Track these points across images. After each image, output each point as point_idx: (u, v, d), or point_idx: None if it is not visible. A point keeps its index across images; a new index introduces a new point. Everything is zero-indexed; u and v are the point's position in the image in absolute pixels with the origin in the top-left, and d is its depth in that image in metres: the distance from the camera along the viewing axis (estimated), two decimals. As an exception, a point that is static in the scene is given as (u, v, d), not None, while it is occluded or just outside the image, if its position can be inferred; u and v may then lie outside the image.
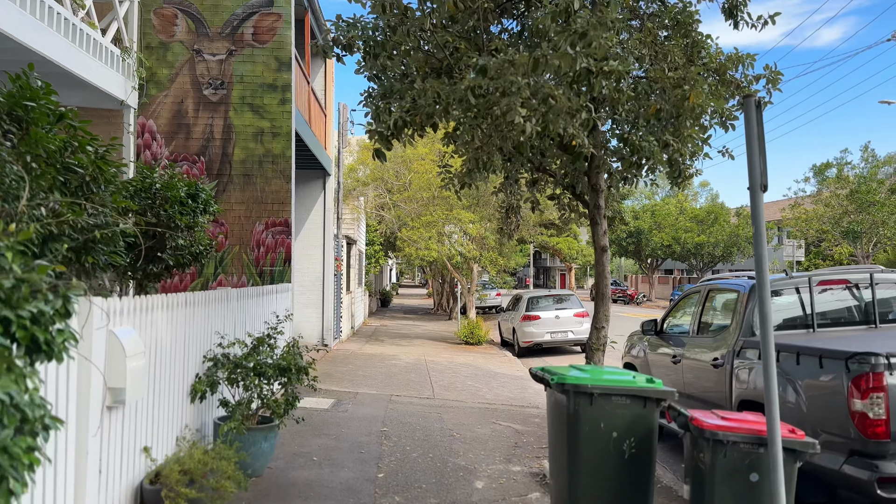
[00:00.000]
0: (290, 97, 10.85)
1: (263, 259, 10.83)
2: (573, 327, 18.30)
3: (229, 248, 10.80)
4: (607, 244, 6.80)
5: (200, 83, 10.76)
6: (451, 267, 19.83)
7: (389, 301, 40.34)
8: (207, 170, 10.79)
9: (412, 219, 18.68)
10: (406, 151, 20.68)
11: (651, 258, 56.35)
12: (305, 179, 16.78)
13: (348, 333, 20.31)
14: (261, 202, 10.84)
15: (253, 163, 10.83)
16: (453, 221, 17.91)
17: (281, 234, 10.86)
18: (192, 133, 10.77)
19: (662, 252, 50.94)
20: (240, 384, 6.11)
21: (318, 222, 16.84)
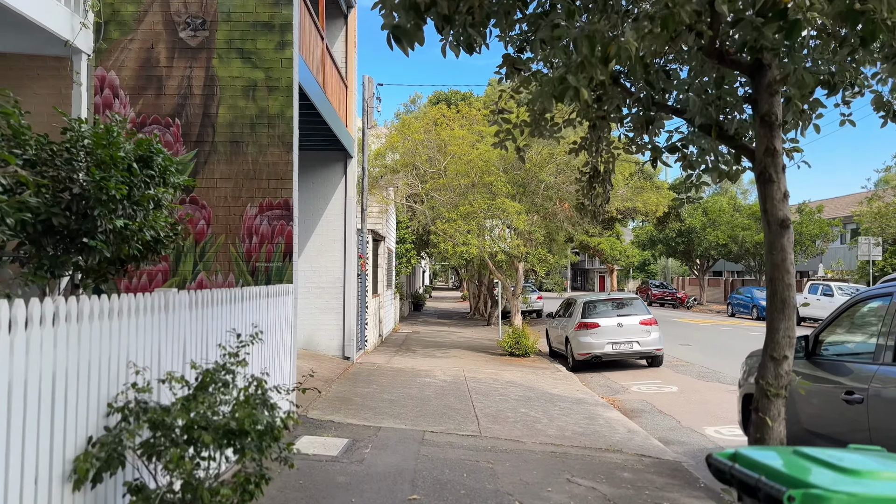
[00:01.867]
0: (290, 39, 8.29)
1: (257, 252, 8.28)
2: (639, 337, 15.44)
3: (212, 238, 8.28)
4: (788, 215, 4.02)
5: (176, 23, 8.27)
6: (493, 266, 17.12)
7: (422, 305, 37.78)
8: (184, 136, 8.29)
9: (448, 210, 16.06)
10: (440, 133, 18.07)
11: (702, 259, 52.88)
12: (322, 162, 14.27)
13: (375, 342, 17.74)
14: (253, 177, 8.30)
15: (243, 126, 8.29)
16: (496, 213, 15.22)
17: (279, 219, 8.30)
18: (165, 88, 8.28)
19: (717, 252, 47.49)
20: (162, 455, 3.51)
21: (337, 213, 14.31)
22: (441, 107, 18.74)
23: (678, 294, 52.04)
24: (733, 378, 13.99)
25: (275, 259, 8.27)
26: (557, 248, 17.83)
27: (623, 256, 54.57)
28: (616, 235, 51.80)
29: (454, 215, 15.27)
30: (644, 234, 56.57)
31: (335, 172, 14.34)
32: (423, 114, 19.89)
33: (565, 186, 16.57)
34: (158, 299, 4.45)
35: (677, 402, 11.63)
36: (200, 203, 8.26)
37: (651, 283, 56.49)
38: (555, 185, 16.62)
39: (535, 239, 16.62)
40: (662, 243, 55.03)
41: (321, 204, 14.30)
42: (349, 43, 14.40)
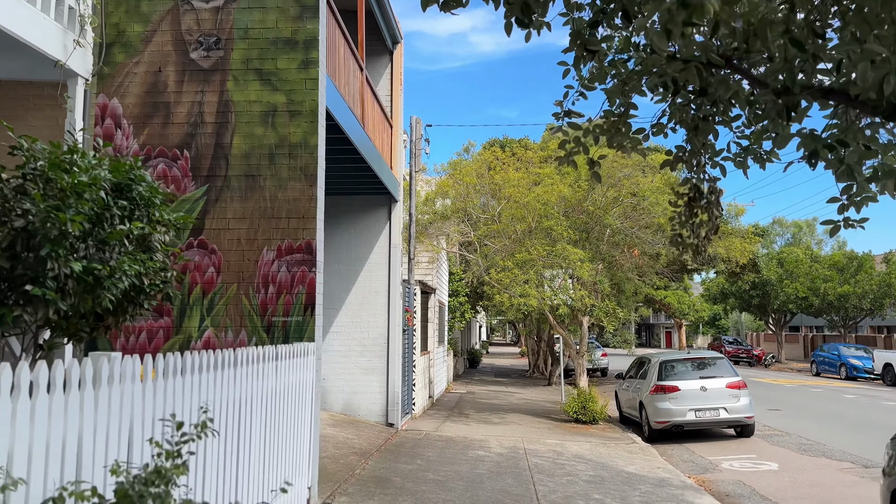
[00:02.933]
0: (315, 57, 7.14)
1: (273, 304, 6.97)
2: (727, 402, 13.39)
3: (222, 288, 7.02)
4: None
5: (187, 42, 7.24)
6: (554, 320, 15.46)
7: (478, 361, 35.97)
8: (193, 170, 7.15)
9: (503, 258, 14.58)
10: (494, 177, 16.77)
11: (779, 313, 49.53)
12: (364, 206, 13.09)
13: (424, 405, 16.16)
14: (271, 216, 7.06)
15: (260, 157, 7.11)
16: (556, 261, 13.66)
17: (300, 265, 6.99)
18: (173, 116, 7.21)
19: (796, 306, 44.26)
20: None
21: (381, 262, 13.03)
22: (495, 149, 17.49)
23: (754, 351, 48.62)
24: (843, 453, 11.81)
25: (294, 312, 6.93)
26: (626, 300, 16.08)
27: (692, 311, 51.68)
28: (684, 288, 49.18)
29: (510, 264, 13.78)
30: (714, 286, 53.57)
31: (379, 218, 13.13)
32: (476, 158, 18.72)
33: (634, 232, 14.93)
34: (85, 370, 3.11)
35: (782, 485, 9.61)
36: (210, 247, 7.05)
37: (724, 340, 53.14)
38: (621, 230, 15.01)
39: (602, 290, 14.91)
40: (735, 296, 51.95)
41: (363, 252, 13.06)
42: (394, 80, 13.38)
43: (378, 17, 12.25)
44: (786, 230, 71.04)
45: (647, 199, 14.89)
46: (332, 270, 12.94)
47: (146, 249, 5.05)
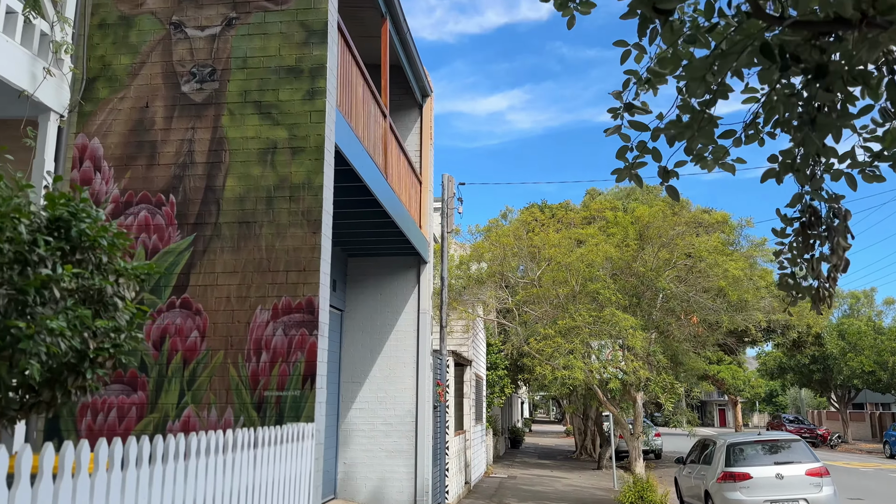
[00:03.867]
0: (322, 87, 6.18)
1: (266, 375, 5.77)
2: (807, 492, 11.49)
3: (207, 356, 5.86)
4: None
5: (178, 74, 6.38)
6: (604, 396, 13.85)
7: (521, 441, 33.80)
8: (179, 217, 6.14)
9: (544, 325, 13.20)
10: (533, 239, 15.58)
11: (843, 389, 46.28)
12: (391, 269, 11.99)
13: (459, 492, 14.50)
14: (267, 269, 5.96)
15: (256, 201, 6.08)
16: (604, 328, 12.23)
17: (299, 326, 5.82)
18: (159, 156, 6.27)
19: (861, 381, 41.19)
20: None
21: (409, 330, 11.80)
22: (533, 209, 16.37)
23: (818, 430, 45.19)
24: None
25: (290, 385, 5.72)
26: (685, 374, 14.42)
27: (747, 387, 48.77)
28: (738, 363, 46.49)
29: (551, 331, 12.40)
30: (771, 360, 50.58)
31: (407, 282, 11.98)
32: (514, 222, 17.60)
33: (691, 297, 13.44)
34: None
35: None
36: (194, 307, 5.95)
37: (784, 418, 49.73)
38: (676, 294, 13.55)
39: (657, 362, 13.33)
40: (794, 371, 48.88)
41: (390, 319, 11.86)
42: (424, 134, 12.51)
43: (407, 70, 11.49)
44: (842, 301, 67.68)
45: (705, 261, 13.48)
46: (355, 340, 11.76)
47: (102, 306, 3.97)
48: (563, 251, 13.62)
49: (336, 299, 11.46)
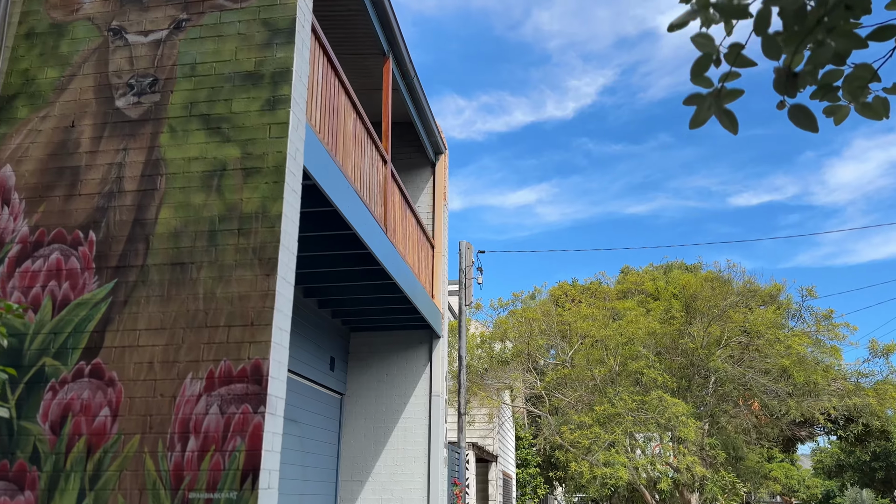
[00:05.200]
0: (287, 94, 4.89)
1: (194, 469, 4.19)
2: None
3: (117, 442, 4.32)
4: None
5: (114, 87, 5.17)
6: (651, 498, 11.72)
7: (557, 547, 30.60)
8: (98, 258, 4.76)
9: (578, 412, 11.31)
10: (563, 315, 13.91)
11: (911, 488, 42.02)
12: (396, 345, 10.42)
13: None
14: (204, 324, 4.48)
15: (196, 236, 4.68)
16: (651, 415, 10.33)
17: (241, 401, 4.27)
18: (82, 185, 4.96)
19: (933, 479, 37.24)
20: None
21: (419, 416, 10.08)
22: (563, 285, 14.77)
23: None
24: None
25: (225, 484, 4.11)
26: (747, 470, 12.25)
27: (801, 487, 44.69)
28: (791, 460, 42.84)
29: (588, 419, 10.53)
30: (828, 457, 46.57)
31: (417, 359, 10.37)
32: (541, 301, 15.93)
33: (751, 378, 11.51)
34: None
35: None
36: (107, 376, 4.46)
37: (847, 521, 45.11)
38: (731, 376, 11.64)
39: (716, 457, 11.27)
40: (854, 469, 44.79)
41: (397, 404, 10.18)
42: (437, 195, 11.22)
43: (417, 124, 10.35)
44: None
45: (763, 337, 11.65)
46: (356, 429, 10.07)
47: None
48: (598, 325, 11.93)
49: (336, 381, 9.88)
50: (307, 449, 8.82)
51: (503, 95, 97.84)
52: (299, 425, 8.61)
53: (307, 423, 8.87)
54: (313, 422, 9.10)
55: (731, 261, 12.63)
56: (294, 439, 8.42)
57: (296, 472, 8.43)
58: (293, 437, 8.40)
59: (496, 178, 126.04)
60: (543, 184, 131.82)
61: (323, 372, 9.36)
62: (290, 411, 8.31)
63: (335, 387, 9.82)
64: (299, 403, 8.60)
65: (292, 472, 8.31)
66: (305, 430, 8.80)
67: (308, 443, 8.88)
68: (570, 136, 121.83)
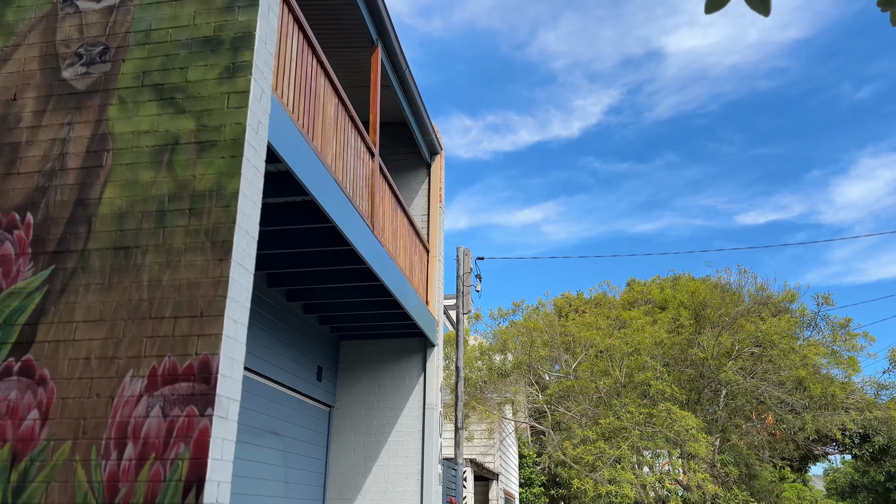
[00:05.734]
0: (248, 60, 4.39)
1: (131, 480, 3.63)
2: None
3: (46, 449, 3.78)
4: None
5: (61, 57, 4.69)
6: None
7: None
8: (35, 243, 4.24)
9: (582, 426, 10.65)
10: (567, 325, 13.32)
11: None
12: (387, 354, 9.86)
13: None
14: (147, 315, 3.95)
15: (143, 217, 4.16)
16: (659, 428, 9.68)
17: (186, 402, 3.72)
18: (21, 163, 4.46)
19: (951, 500, 36.10)
20: None
21: (412, 430, 9.49)
22: (567, 296, 14.17)
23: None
24: None
25: (165, 497, 3.55)
26: (761, 489, 11.51)
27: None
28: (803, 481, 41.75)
29: (592, 434, 9.88)
30: (842, 477, 45.38)
31: (410, 369, 9.79)
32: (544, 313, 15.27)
33: (765, 391, 10.82)
34: None
35: None
36: (37, 374, 3.92)
37: (861, 545, 43.85)
38: (744, 389, 10.97)
39: (728, 474, 10.57)
40: (868, 490, 43.63)
41: (388, 416, 9.59)
42: (432, 197, 10.71)
43: (411, 122, 9.88)
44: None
45: (777, 347, 10.99)
46: (345, 443, 9.48)
47: None
48: (603, 334, 11.31)
49: (324, 392, 9.32)
50: (291, 464, 8.23)
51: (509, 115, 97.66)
52: (282, 439, 8.03)
53: (291, 437, 8.29)
54: (298, 435, 8.52)
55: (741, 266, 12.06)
56: (276, 454, 7.84)
57: (277, 489, 7.83)
58: (275, 452, 7.82)
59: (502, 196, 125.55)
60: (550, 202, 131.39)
61: (309, 382, 8.80)
62: (271, 423, 7.73)
63: (323, 398, 9.24)
64: (282, 415, 8.03)
65: (274, 490, 7.72)
66: (289, 444, 8.22)
67: (292, 458, 8.29)
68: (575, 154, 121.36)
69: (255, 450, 7.29)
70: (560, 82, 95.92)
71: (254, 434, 7.28)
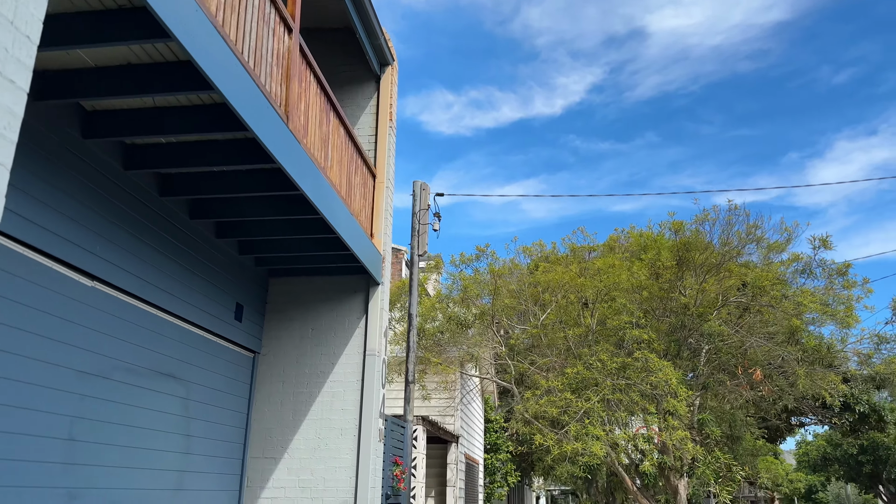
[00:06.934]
0: None
1: None
2: None
3: None
4: None
5: None
6: (632, 484, 9.88)
7: (533, 541, 28.84)
8: None
9: (547, 377, 9.39)
10: (536, 276, 12.03)
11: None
12: (325, 293, 8.51)
13: None
14: None
15: None
16: (635, 380, 8.46)
17: None
18: None
19: (924, 473, 35.97)
20: None
21: (350, 381, 8.17)
22: (540, 243, 12.83)
23: (874, 532, 39.55)
24: None
25: None
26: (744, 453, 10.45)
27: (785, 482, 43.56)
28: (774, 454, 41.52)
29: (558, 384, 8.63)
30: (814, 450, 45.26)
31: (350, 311, 8.44)
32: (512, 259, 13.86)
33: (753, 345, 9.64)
34: None
35: None
36: None
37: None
38: (729, 342, 9.79)
39: (711, 435, 9.42)
40: (840, 463, 43.54)
41: (322, 365, 8.26)
42: (381, 115, 9.27)
43: (357, 27, 8.39)
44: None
45: (768, 294, 9.80)
46: (271, 395, 8.15)
47: None
48: (573, 274, 10.04)
49: (247, 335, 7.95)
50: (196, 415, 6.87)
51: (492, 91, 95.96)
52: (184, 384, 6.66)
53: (197, 383, 6.92)
54: (208, 382, 7.15)
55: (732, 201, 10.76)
56: (174, 401, 6.47)
57: (175, 442, 6.48)
58: (172, 399, 6.45)
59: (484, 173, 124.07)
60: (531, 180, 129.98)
61: (224, 321, 7.42)
62: (165, 364, 6.35)
63: (245, 342, 7.88)
64: (183, 356, 6.65)
65: (169, 443, 6.37)
66: (194, 392, 6.85)
67: (198, 408, 6.93)
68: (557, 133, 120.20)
69: (140, 394, 5.93)
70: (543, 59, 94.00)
71: (138, 375, 5.90)
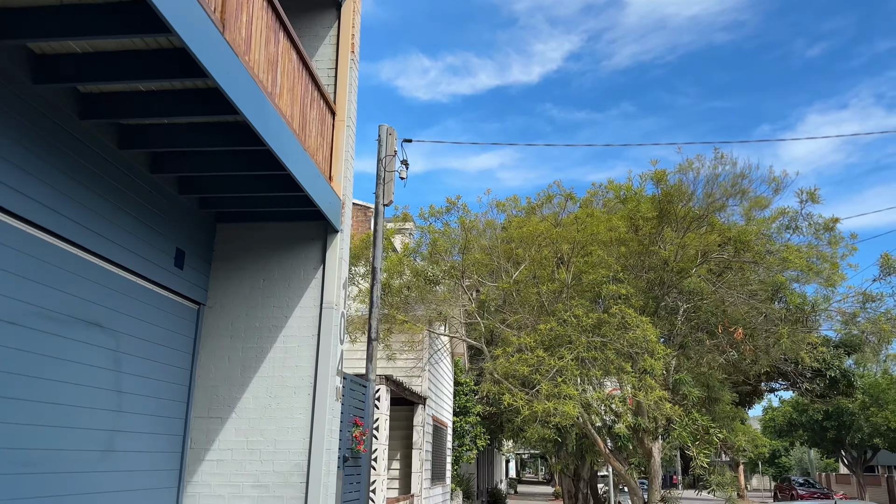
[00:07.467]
0: None
1: None
2: None
3: None
4: None
5: None
6: (605, 446, 9.44)
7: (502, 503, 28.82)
8: None
9: (519, 336, 8.84)
10: (510, 231, 11.42)
11: (859, 449, 41.81)
12: (278, 240, 7.80)
13: (396, 588, 9.90)
14: None
15: None
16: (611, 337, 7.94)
17: None
18: None
19: (884, 440, 36.78)
20: None
21: (305, 336, 7.51)
22: (515, 198, 12.18)
23: (835, 496, 40.40)
24: None
25: None
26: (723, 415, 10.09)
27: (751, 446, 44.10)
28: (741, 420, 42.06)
29: (530, 340, 8.08)
30: (780, 416, 46.07)
31: (306, 260, 7.74)
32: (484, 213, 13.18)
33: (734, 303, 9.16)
34: None
35: None
36: None
37: (794, 481, 44.92)
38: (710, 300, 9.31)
39: (689, 396, 8.98)
40: (804, 428, 44.39)
41: (275, 318, 7.57)
42: (342, 47, 8.45)
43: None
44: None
45: (752, 250, 9.33)
46: (218, 350, 7.47)
47: None
48: (548, 225, 9.45)
49: (190, 285, 7.22)
50: (129, 370, 6.17)
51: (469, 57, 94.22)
52: (113, 335, 5.93)
53: (130, 335, 6.20)
54: (144, 334, 6.43)
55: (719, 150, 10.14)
56: (101, 353, 5.75)
57: (104, 399, 5.78)
58: (100, 350, 5.73)
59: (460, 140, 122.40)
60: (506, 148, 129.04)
61: (162, 268, 6.67)
62: (90, 311, 5.62)
63: (187, 292, 7.15)
64: (112, 303, 5.91)
65: (97, 400, 5.67)
66: (126, 344, 6.13)
67: (132, 362, 6.22)
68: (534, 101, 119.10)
69: (58, 343, 5.20)
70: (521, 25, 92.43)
71: (55, 322, 5.17)
